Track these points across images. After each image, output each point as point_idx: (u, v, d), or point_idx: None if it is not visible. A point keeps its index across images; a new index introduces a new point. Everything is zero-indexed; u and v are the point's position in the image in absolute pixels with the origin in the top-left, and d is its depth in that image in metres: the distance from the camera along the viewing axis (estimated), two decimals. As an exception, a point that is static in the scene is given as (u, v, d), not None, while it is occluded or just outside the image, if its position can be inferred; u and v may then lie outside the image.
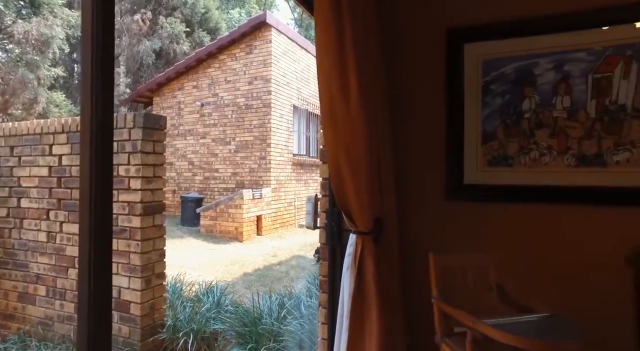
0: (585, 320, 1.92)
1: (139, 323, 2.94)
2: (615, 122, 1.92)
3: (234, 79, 9.42)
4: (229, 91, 9.47)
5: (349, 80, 1.57)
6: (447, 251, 1.89)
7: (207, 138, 9.72)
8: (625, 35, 1.91)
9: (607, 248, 1.93)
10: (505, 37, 2.09)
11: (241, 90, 9.33)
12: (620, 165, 1.91)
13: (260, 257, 6.41)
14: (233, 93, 9.42)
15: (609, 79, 1.93)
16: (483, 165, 2.14)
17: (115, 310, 3.00)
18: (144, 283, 2.98)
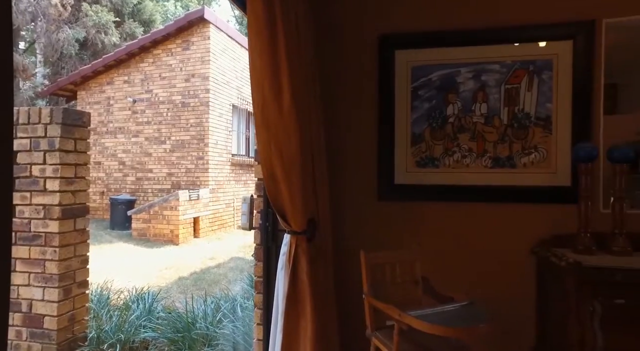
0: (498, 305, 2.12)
1: (54, 339, 2.69)
2: (522, 128, 2.14)
3: (169, 75, 8.99)
4: (165, 88, 9.03)
5: (282, 82, 1.58)
6: (380, 248, 1.98)
7: (140, 137, 9.17)
8: (529, 52, 2.14)
9: (517, 241, 2.14)
10: (432, 46, 2.24)
11: (177, 88, 8.94)
12: (526, 167, 2.14)
13: (197, 259, 6.19)
14: (169, 90, 8.99)
15: (517, 89, 2.14)
16: (412, 166, 2.26)
17: (24, 326, 2.72)
18: (62, 294, 2.73)
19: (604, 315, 1.63)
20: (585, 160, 1.87)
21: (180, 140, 8.90)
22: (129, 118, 9.29)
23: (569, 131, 2.10)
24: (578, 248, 1.89)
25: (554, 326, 1.92)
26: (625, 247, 1.83)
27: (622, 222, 1.86)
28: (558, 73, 2.11)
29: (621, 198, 1.86)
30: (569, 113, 2.10)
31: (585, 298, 1.66)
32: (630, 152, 1.85)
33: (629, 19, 2.07)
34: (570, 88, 2.10)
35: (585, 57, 2.07)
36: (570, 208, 1.99)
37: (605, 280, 1.62)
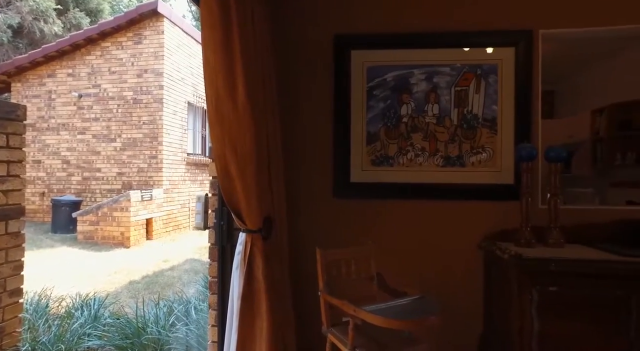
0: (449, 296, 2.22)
1: (-22, 355, 2.46)
2: (471, 129, 2.25)
3: (120, 69, 8.54)
4: (114, 83, 8.56)
5: (236, 78, 1.55)
6: (336, 246, 2.00)
7: (86, 134, 8.63)
8: (477, 56, 2.26)
9: (466, 236, 2.25)
10: (387, 47, 2.30)
11: (129, 83, 8.51)
12: (475, 166, 2.25)
13: (150, 262, 5.93)
14: (119, 85, 8.54)
15: (466, 92, 2.25)
16: (367, 165, 2.31)
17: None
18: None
19: (540, 302, 1.75)
20: (526, 159, 2.00)
21: (131, 138, 8.48)
22: (74, 114, 8.71)
23: (512, 132, 2.24)
24: (520, 242, 2.01)
25: (498, 314, 2.04)
26: (559, 239, 1.98)
27: (556, 216, 2.01)
28: (502, 77, 2.24)
29: (556, 194, 2.01)
30: (512, 115, 2.24)
31: (525, 287, 1.77)
32: (564, 152, 2.00)
33: (562, 31, 2.23)
34: (513, 92, 2.24)
35: (525, 64, 2.22)
36: (513, 205, 2.12)
37: (541, 270, 1.75)
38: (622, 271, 1.71)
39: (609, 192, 4.68)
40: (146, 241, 7.63)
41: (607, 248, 1.94)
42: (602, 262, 1.74)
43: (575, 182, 5.24)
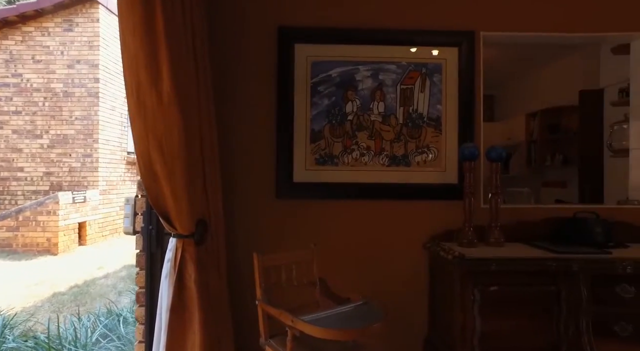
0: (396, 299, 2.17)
1: None
2: (416, 128, 2.23)
3: (46, 58, 7.75)
4: (40, 73, 7.75)
5: (160, 65, 1.37)
6: (279, 249, 1.87)
7: (5, 129, 7.75)
8: (422, 55, 2.24)
9: (412, 237, 2.22)
10: (332, 42, 2.21)
11: (57, 74, 7.75)
12: (420, 165, 2.22)
13: (81, 270, 5.42)
14: (45, 76, 7.75)
15: (412, 90, 2.22)
16: (311, 164, 2.20)
17: None
18: None
19: (482, 301, 1.75)
20: (469, 158, 2.00)
21: (62, 135, 7.73)
22: (-11, 107, 7.79)
23: (456, 132, 2.24)
24: (463, 242, 2.01)
25: (442, 315, 2.02)
26: (499, 238, 2.00)
27: (497, 215, 2.03)
28: (446, 77, 2.24)
29: (497, 194, 2.03)
30: (456, 115, 2.24)
31: (467, 287, 1.76)
32: (504, 152, 2.03)
33: (501, 34, 2.27)
34: (456, 92, 2.24)
35: (468, 64, 2.23)
36: (458, 204, 2.11)
37: (483, 270, 1.74)
38: (554, 267, 1.74)
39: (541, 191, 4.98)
40: (78, 247, 7.00)
41: (541, 245, 1.99)
42: (536, 260, 1.77)
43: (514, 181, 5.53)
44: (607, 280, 1.77)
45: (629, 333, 1.77)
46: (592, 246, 1.97)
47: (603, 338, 1.77)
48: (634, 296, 1.76)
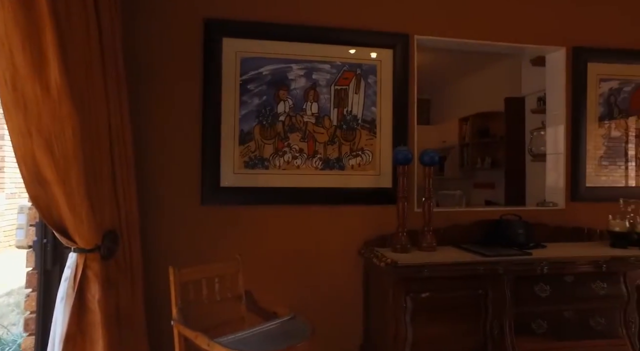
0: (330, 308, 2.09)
1: None
2: (350, 130, 2.17)
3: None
4: None
5: (45, 49, 1.15)
6: (204, 261, 1.70)
7: None
8: (357, 55, 2.18)
9: (346, 243, 2.15)
10: (263, 37, 2.08)
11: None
12: (354, 169, 2.17)
13: (-20, 286, 4.71)
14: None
15: (346, 91, 2.16)
16: (240, 167, 2.05)
17: None
18: None
19: (414, 308, 1.72)
20: (402, 162, 1.98)
21: (-39, 131, 6.75)
22: None
23: (390, 135, 2.21)
24: (396, 247, 1.98)
25: (376, 324, 1.98)
26: (432, 243, 2.00)
27: (430, 220, 2.02)
28: (381, 79, 2.21)
29: (429, 198, 2.02)
30: (390, 118, 2.21)
31: (400, 294, 1.72)
32: (437, 156, 2.03)
33: (435, 39, 2.29)
34: (391, 95, 2.22)
35: (402, 67, 2.21)
36: (392, 209, 2.08)
37: (415, 276, 1.71)
38: (482, 271, 1.76)
39: (472, 193, 5.23)
40: (-19, 258, 6.14)
41: (470, 249, 2.02)
42: (466, 264, 1.78)
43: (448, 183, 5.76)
44: (528, 280, 1.83)
45: (544, 330, 1.84)
46: (515, 247, 2.04)
47: (523, 336, 1.82)
48: (549, 295, 1.83)
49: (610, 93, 2.49)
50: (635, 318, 1.93)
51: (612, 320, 1.91)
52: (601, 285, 1.89)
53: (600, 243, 2.28)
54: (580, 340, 1.88)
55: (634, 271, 1.93)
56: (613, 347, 1.91)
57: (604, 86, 2.48)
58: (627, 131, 2.53)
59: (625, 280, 1.92)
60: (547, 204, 2.51)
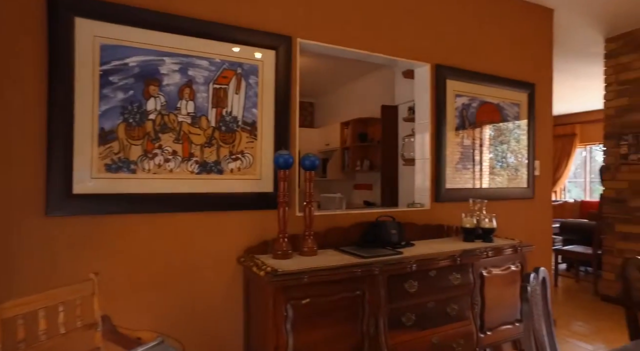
0: (207, 323, 1.95)
1: None
2: (230, 132, 2.05)
3: None
4: None
5: None
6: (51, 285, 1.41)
7: None
8: (239, 54, 2.08)
9: (225, 252, 2.03)
10: (129, 23, 1.82)
11: None
12: (234, 173, 2.06)
13: None
14: None
15: (225, 90, 2.04)
16: (100, 171, 1.77)
17: None
18: None
19: (295, 316, 1.70)
20: (283, 167, 1.95)
21: None
22: None
23: (272, 138, 2.16)
24: (277, 253, 1.94)
25: (257, 336, 1.91)
26: (313, 247, 2.02)
27: (311, 224, 2.03)
28: (263, 80, 2.14)
29: (310, 202, 2.03)
30: (272, 121, 2.16)
31: (280, 303, 1.68)
32: (317, 160, 2.05)
33: (318, 44, 2.32)
34: (273, 97, 2.17)
35: (285, 69, 2.19)
36: (274, 214, 2.03)
37: (295, 283, 1.69)
38: (360, 273, 1.84)
39: (353, 194, 5.54)
40: None
41: (349, 251, 2.09)
42: (345, 267, 1.83)
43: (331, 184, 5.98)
44: (399, 278, 1.97)
45: (413, 322, 2.01)
46: (389, 246, 2.19)
47: (395, 330, 1.96)
48: (417, 290, 2.01)
49: (463, 108, 2.87)
50: (478, 301, 2.25)
51: (463, 305, 2.19)
52: (456, 276, 2.14)
53: (456, 238, 2.61)
54: (440, 327, 2.10)
55: (479, 261, 2.24)
56: (463, 328, 2.18)
57: (459, 101, 2.85)
58: (475, 140, 2.95)
59: (472, 269, 2.22)
60: (415, 205, 2.77)
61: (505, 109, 3.10)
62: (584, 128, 7.79)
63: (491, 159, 3.04)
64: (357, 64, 4.24)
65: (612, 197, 3.99)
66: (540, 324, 1.29)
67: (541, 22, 3.34)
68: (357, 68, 4.84)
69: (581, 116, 7.83)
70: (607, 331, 3.25)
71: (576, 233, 4.99)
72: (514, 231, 2.94)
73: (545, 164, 3.40)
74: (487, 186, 3.02)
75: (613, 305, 3.86)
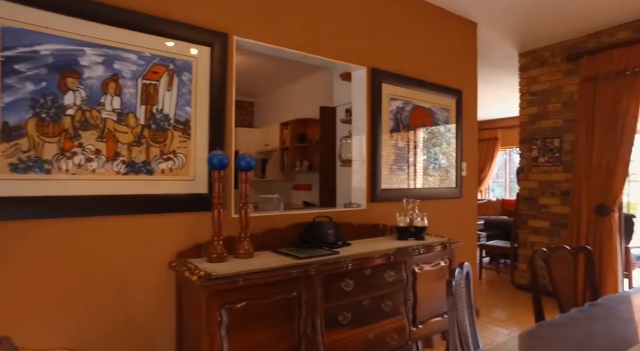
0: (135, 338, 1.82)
1: None
2: (161, 131, 1.94)
3: None
4: None
5: None
6: None
7: None
8: (171, 49, 1.97)
9: (156, 257, 1.91)
10: (40, 6, 1.64)
11: None
12: (165, 174, 1.95)
13: None
14: None
15: (156, 87, 1.92)
16: (4, 171, 1.57)
17: None
18: None
19: (230, 321, 1.65)
20: (218, 167, 1.88)
21: None
22: None
23: (206, 138, 2.08)
24: (212, 257, 1.87)
25: (190, 343, 1.82)
26: (249, 249, 1.97)
27: (247, 226, 1.99)
28: (197, 78, 2.05)
29: (246, 204, 1.99)
30: (207, 120, 2.08)
31: (214, 308, 1.62)
32: (253, 161, 2.01)
33: (255, 43, 2.28)
34: (208, 96, 2.09)
35: (221, 67, 2.12)
36: (209, 216, 1.96)
37: (230, 287, 1.64)
38: (296, 274, 1.83)
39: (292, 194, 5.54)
40: None
41: (286, 252, 2.08)
42: (281, 269, 1.81)
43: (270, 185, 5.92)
44: (335, 277, 2.00)
45: (349, 320, 2.05)
46: (326, 247, 2.21)
47: (331, 329, 1.98)
48: (353, 288, 2.05)
49: (397, 111, 3.00)
50: (410, 296, 2.35)
51: (396, 301, 2.28)
52: (390, 274, 2.22)
53: (391, 237, 2.71)
54: (375, 323, 2.16)
55: (411, 258, 2.35)
56: (396, 323, 2.27)
57: (393, 104, 2.97)
58: (409, 142, 3.09)
59: (405, 266, 2.32)
60: (352, 205, 2.83)
61: (436, 113, 3.29)
62: (504, 133, 8.53)
63: (425, 161, 3.21)
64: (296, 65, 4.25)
65: (525, 196, 4.42)
66: (464, 315, 1.38)
67: (467, 34, 3.59)
68: (297, 69, 4.84)
69: (502, 122, 8.57)
70: (520, 316, 3.59)
71: (498, 229, 5.45)
72: (444, 229, 3.12)
73: (472, 166, 3.66)
74: (421, 186, 3.17)
75: (525, 292, 4.27)
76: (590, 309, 1.54)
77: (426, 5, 3.24)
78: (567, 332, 1.31)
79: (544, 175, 4.24)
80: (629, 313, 1.52)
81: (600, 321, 1.40)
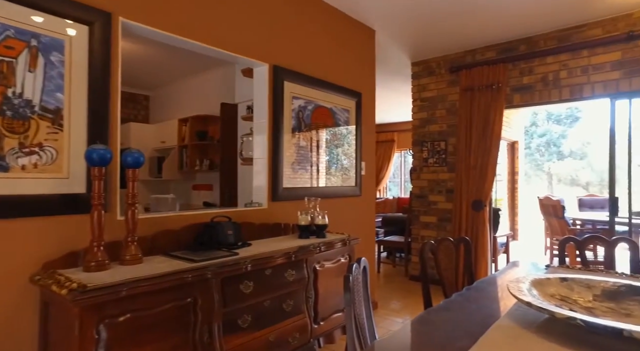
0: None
1: None
2: (21, 119, 1.63)
3: None
4: None
5: None
6: None
7: None
8: (32, 21, 1.67)
9: (14, 270, 1.60)
10: None
11: None
12: (27, 171, 1.64)
13: None
14: None
15: (12, 65, 1.61)
16: None
17: None
18: None
19: (111, 337, 1.45)
20: (98, 163, 1.65)
21: None
22: None
23: (85, 130, 1.82)
24: (90, 265, 1.63)
25: (59, 368, 1.56)
26: (136, 255, 1.77)
27: (134, 228, 1.78)
28: (72, 60, 1.78)
29: (133, 204, 1.78)
30: (85, 109, 1.82)
31: (90, 324, 1.41)
32: (142, 156, 1.81)
33: (146, 27, 2.06)
34: (86, 81, 1.82)
35: (103, 50, 1.87)
36: (87, 219, 1.70)
37: (111, 299, 1.44)
38: (191, 278, 1.70)
39: (192, 195, 5.22)
40: None
41: (180, 255, 1.92)
42: (173, 274, 1.66)
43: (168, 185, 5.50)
44: (234, 280, 1.90)
45: (249, 323, 1.98)
46: (225, 248, 2.10)
47: (230, 334, 1.88)
48: (253, 290, 1.98)
49: (299, 110, 3.01)
50: (312, 294, 2.37)
51: (298, 300, 2.27)
52: (291, 273, 2.21)
53: (293, 235, 2.70)
54: (277, 324, 2.12)
55: (312, 256, 2.37)
56: (298, 321, 2.27)
57: (295, 103, 2.97)
58: (311, 142, 3.13)
59: (307, 264, 2.33)
60: (253, 204, 2.76)
61: (337, 114, 3.38)
62: (400, 136, 9.25)
63: (327, 161, 3.27)
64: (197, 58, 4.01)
65: (417, 194, 4.83)
66: (361, 309, 1.42)
67: (366, 39, 3.78)
68: (198, 62, 4.58)
69: (399, 125, 9.28)
70: (413, 305, 3.90)
71: (394, 225, 5.86)
72: (345, 226, 3.23)
73: (370, 165, 3.86)
74: (324, 185, 3.23)
75: (417, 282, 4.66)
76: (468, 293, 1.71)
77: (328, 8, 3.32)
78: (450, 315, 1.43)
79: (433, 174, 4.68)
80: (495, 293, 1.73)
81: (474, 302, 1.57)
